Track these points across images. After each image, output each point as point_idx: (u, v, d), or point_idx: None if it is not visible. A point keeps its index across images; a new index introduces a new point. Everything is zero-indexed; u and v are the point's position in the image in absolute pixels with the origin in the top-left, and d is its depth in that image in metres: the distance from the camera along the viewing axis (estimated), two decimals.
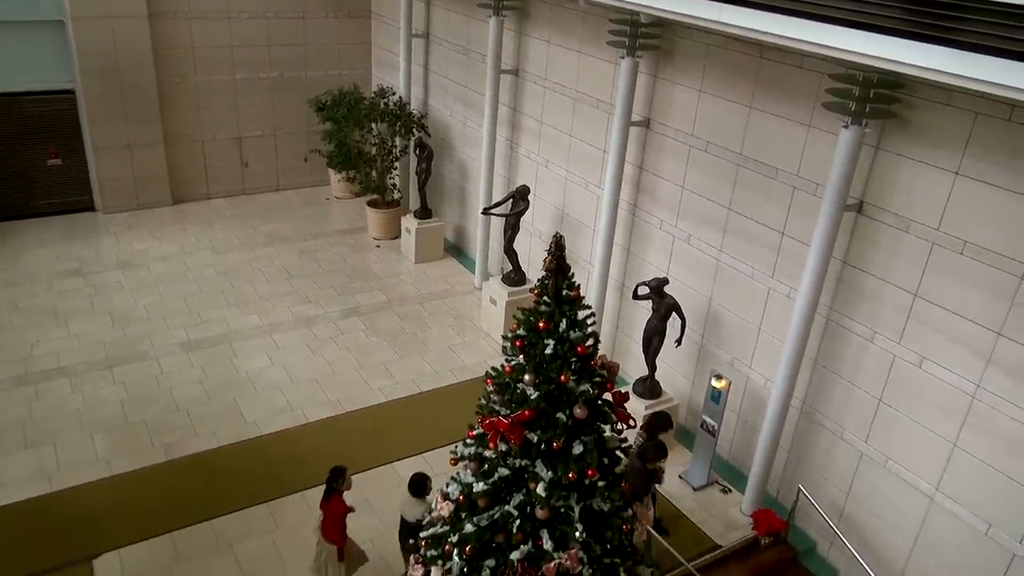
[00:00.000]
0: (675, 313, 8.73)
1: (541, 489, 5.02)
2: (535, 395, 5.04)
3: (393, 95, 13.95)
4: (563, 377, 4.98)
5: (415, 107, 14.46)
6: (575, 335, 5.06)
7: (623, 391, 5.47)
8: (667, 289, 8.74)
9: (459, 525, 5.33)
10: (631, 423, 5.34)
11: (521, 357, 5.17)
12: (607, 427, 5.32)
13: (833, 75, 6.82)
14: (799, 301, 7.49)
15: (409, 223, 13.72)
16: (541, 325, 5.05)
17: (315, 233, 14.51)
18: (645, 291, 8.79)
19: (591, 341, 5.12)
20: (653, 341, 8.97)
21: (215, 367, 10.45)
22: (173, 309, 11.71)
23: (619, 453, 5.47)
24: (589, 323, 5.19)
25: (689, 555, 7.60)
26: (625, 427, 5.35)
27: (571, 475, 4.98)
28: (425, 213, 13.64)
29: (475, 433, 5.47)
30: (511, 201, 11.13)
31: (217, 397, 9.87)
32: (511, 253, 11.48)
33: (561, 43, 10.78)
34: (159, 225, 14.29)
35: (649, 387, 9.20)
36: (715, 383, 8.39)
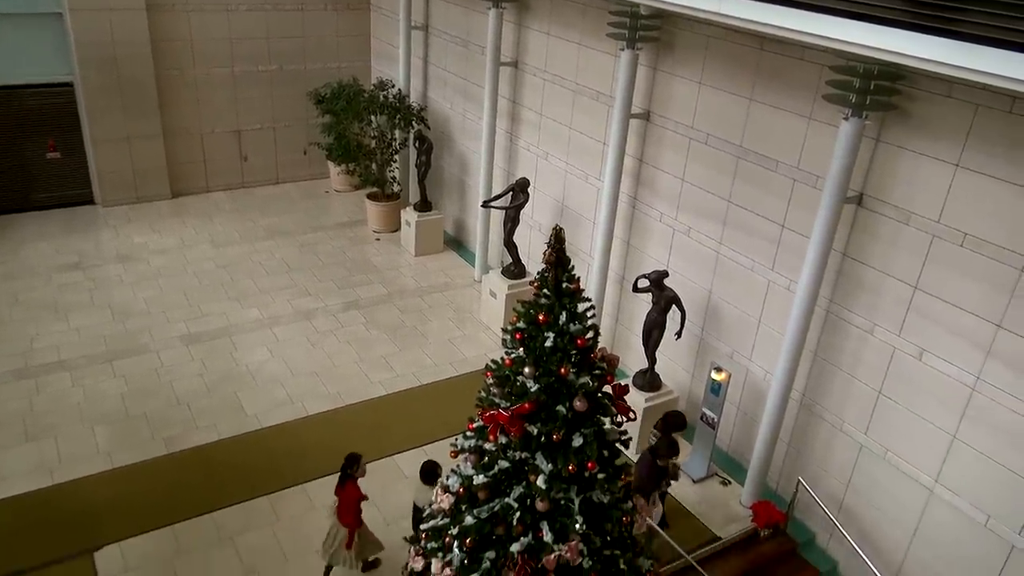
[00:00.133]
0: (675, 306, 8.73)
1: (541, 481, 5.04)
2: (535, 388, 5.05)
3: (392, 87, 13.92)
4: (563, 370, 4.99)
5: (414, 100, 14.42)
6: (575, 328, 5.06)
7: (623, 384, 5.47)
8: (667, 282, 8.74)
9: (459, 517, 5.35)
10: (631, 416, 5.35)
11: (521, 350, 5.17)
12: (607, 420, 5.33)
13: (833, 67, 6.80)
14: (799, 293, 7.49)
15: (409, 216, 13.70)
16: (541, 318, 5.05)
17: (315, 226, 14.49)
18: (645, 284, 8.79)
19: (591, 334, 5.13)
20: (653, 334, 8.97)
21: (215, 360, 10.46)
22: (173, 302, 11.71)
23: (619, 446, 5.48)
24: (589, 316, 5.19)
25: (689, 547, 7.63)
26: (625, 419, 5.36)
27: (571, 467, 5.00)
28: (425, 206, 13.62)
29: (475, 426, 5.48)
30: (511, 194, 11.12)
31: (217, 390, 9.89)
32: (511, 246, 11.48)
33: (561, 35, 10.74)
34: (158, 218, 14.27)
35: (649, 380, 9.21)
36: (715, 375, 8.40)
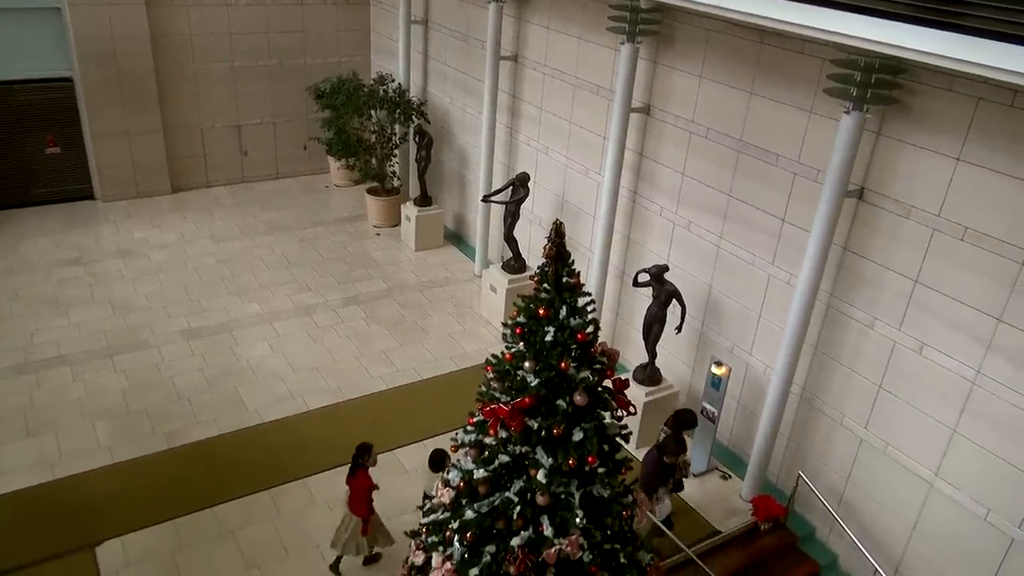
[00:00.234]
0: (675, 300, 8.72)
1: (541, 476, 5.05)
2: (535, 382, 5.05)
3: (392, 82, 13.88)
4: (563, 364, 4.99)
5: (414, 94, 14.39)
6: (575, 322, 5.06)
7: (623, 378, 5.48)
8: (667, 276, 8.73)
9: (460, 511, 5.36)
10: (631, 410, 5.36)
11: (521, 344, 5.18)
12: (607, 414, 5.33)
13: (834, 60, 6.78)
14: (799, 288, 7.48)
15: (409, 211, 13.69)
16: (541, 312, 5.05)
17: (315, 221, 14.48)
18: (645, 278, 8.78)
19: (591, 328, 5.13)
20: (653, 328, 8.97)
21: (216, 355, 10.46)
22: (173, 297, 11.71)
23: (619, 440, 5.49)
24: (589, 310, 5.19)
25: (689, 541, 7.64)
26: (625, 414, 5.36)
27: (571, 461, 5.00)
28: (425, 201, 13.61)
29: (475, 420, 5.49)
30: (511, 188, 11.11)
31: (218, 385, 9.89)
32: (511, 240, 11.47)
33: (561, 29, 10.72)
34: (159, 213, 14.26)
35: (649, 374, 9.21)
36: (715, 370, 8.41)
